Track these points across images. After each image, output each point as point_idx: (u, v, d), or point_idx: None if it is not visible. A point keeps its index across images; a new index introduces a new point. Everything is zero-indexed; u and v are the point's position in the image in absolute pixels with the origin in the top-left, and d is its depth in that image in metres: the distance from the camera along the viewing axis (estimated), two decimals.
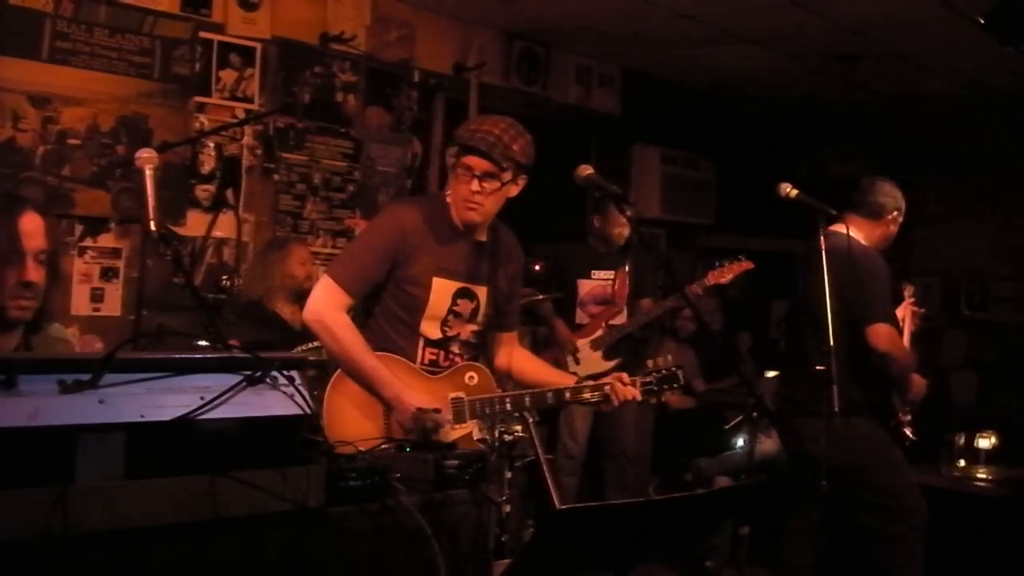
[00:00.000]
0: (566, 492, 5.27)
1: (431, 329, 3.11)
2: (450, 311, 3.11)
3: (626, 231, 5.28)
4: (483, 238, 3.19)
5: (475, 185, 3.01)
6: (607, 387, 3.11)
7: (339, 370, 2.99)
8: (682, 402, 6.65)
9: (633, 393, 3.11)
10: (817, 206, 3.61)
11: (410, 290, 3.07)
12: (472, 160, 3.01)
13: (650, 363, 3.19)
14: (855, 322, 3.92)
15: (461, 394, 3.07)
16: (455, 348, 3.15)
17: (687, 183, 7.45)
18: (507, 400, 3.10)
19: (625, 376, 3.15)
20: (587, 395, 3.14)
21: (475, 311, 3.16)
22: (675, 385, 3.18)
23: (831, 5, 5.38)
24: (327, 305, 3.01)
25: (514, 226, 3.41)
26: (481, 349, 3.28)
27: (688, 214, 7.52)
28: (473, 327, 3.18)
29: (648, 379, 3.15)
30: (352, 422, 2.90)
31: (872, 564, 4.09)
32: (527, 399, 3.11)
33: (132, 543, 1.76)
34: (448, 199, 3.13)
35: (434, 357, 3.12)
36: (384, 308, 3.11)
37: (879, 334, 3.91)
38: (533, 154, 3.08)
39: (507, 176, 3.02)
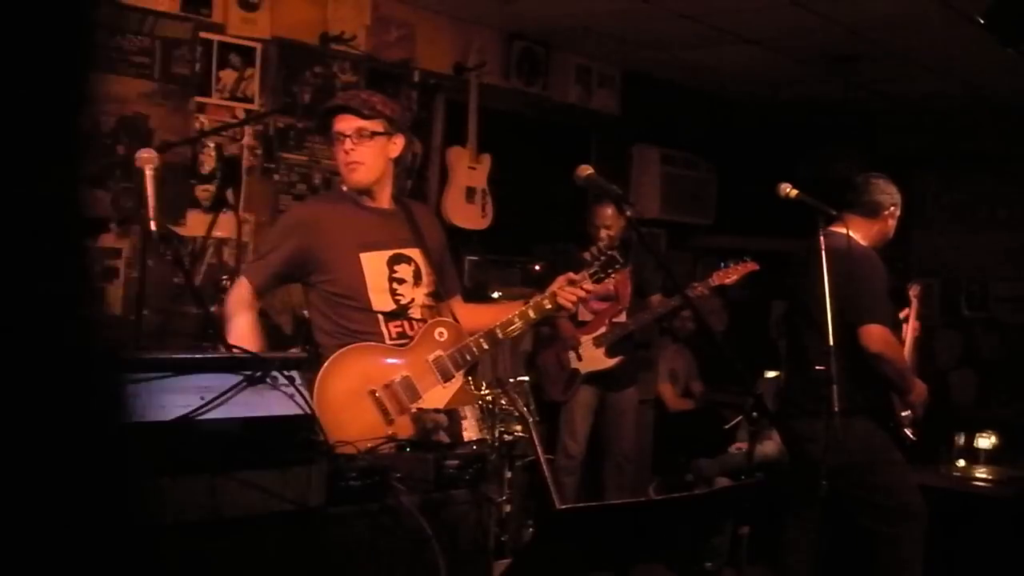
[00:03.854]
0: (566, 492, 5.28)
1: (383, 302, 3.13)
2: (391, 280, 3.15)
3: (613, 231, 5.27)
4: (390, 206, 3.25)
5: (348, 144, 3.10)
6: (557, 295, 3.18)
7: (320, 374, 2.98)
8: (681, 403, 6.66)
9: (577, 292, 3.18)
10: (817, 206, 3.62)
11: (343, 274, 3.11)
12: (339, 122, 3.12)
13: (587, 255, 3.26)
14: (851, 322, 3.93)
15: (439, 351, 3.10)
16: (415, 314, 3.18)
17: (687, 183, 7.45)
18: (482, 340, 3.14)
19: (572, 275, 3.22)
20: (547, 304, 3.20)
21: (417, 273, 3.20)
22: (618, 266, 3.23)
23: (831, 5, 5.38)
24: (230, 294, 3.18)
25: (514, 226, 3.43)
26: (440, 313, 3.30)
27: (688, 214, 7.52)
28: (423, 290, 3.22)
29: (592, 269, 3.22)
30: (349, 422, 2.90)
31: (872, 564, 4.09)
32: (498, 331, 3.15)
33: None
34: (345, 188, 3.24)
35: (400, 329, 3.14)
36: (329, 305, 3.15)
37: (871, 335, 3.91)
38: (399, 111, 3.20)
39: (376, 126, 3.11)
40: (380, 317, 3.12)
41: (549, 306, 3.20)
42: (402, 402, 2.99)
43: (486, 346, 3.15)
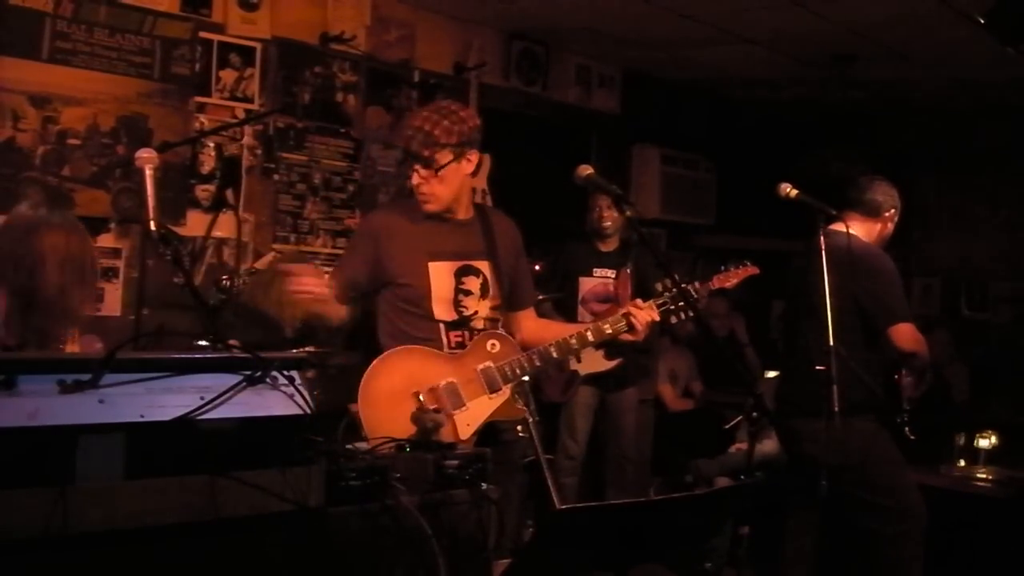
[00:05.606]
0: (566, 493, 5.27)
1: (445, 312, 3.14)
2: (457, 291, 3.15)
3: (614, 215, 5.32)
4: (465, 216, 3.23)
5: (415, 178, 3.10)
6: (626, 316, 3.18)
7: (368, 370, 3.01)
8: (681, 403, 6.66)
9: (652, 315, 3.18)
10: (817, 206, 3.62)
11: (410, 281, 3.12)
12: (416, 164, 3.11)
13: (659, 286, 3.24)
14: (869, 323, 3.92)
15: (489, 363, 3.10)
16: (477, 325, 3.17)
17: (687, 183, 7.45)
18: (535, 356, 3.13)
19: (640, 301, 3.22)
20: (608, 329, 3.19)
21: (484, 286, 3.19)
22: (690, 301, 3.20)
23: (831, 5, 5.38)
24: None
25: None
26: (505, 325, 3.27)
27: (688, 214, 7.52)
28: (489, 302, 3.20)
29: (662, 300, 3.21)
30: (388, 419, 2.90)
31: (872, 565, 4.09)
32: (552, 351, 3.15)
33: (132, 543, 1.76)
34: None
35: (460, 339, 3.15)
36: (395, 311, 3.16)
37: (902, 334, 3.91)
38: (468, 128, 3.11)
39: (443, 159, 3.06)
40: (442, 326, 3.13)
41: (609, 331, 3.20)
42: (444, 407, 3.00)
43: (538, 363, 3.14)
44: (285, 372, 2.01)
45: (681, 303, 3.21)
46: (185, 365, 1.92)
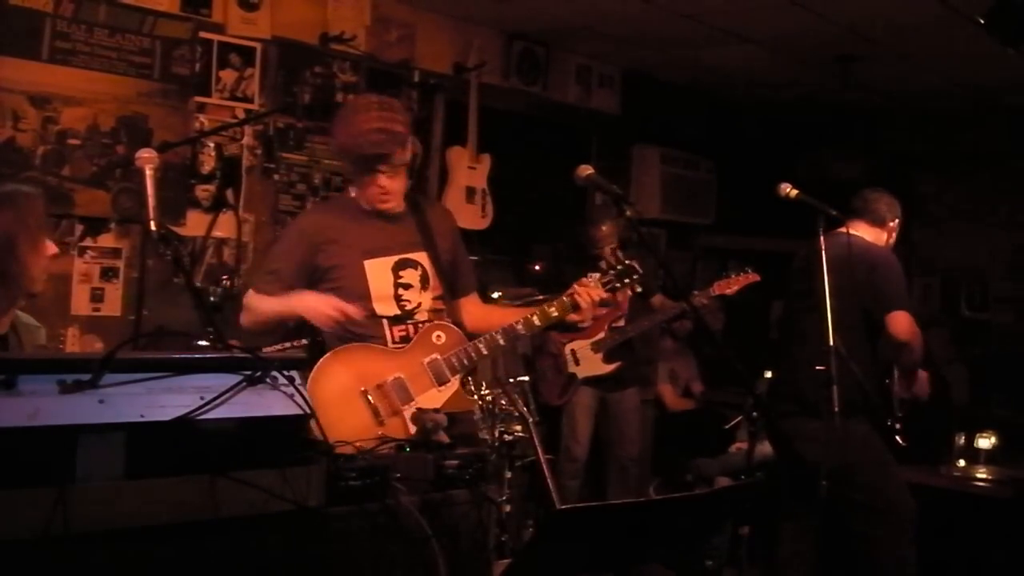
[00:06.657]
0: (569, 496, 5.26)
1: (387, 308, 3.13)
2: (397, 285, 3.15)
3: (616, 245, 5.24)
4: (397, 210, 3.21)
5: (383, 180, 3.09)
6: (571, 296, 3.15)
7: (313, 372, 2.98)
8: (681, 403, 6.66)
9: (597, 292, 3.15)
10: (818, 206, 3.62)
11: (347, 282, 3.12)
12: (382, 167, 3.08)
13: (603, 264, 3.24)
14: (869, 318, 3.93)
15: (435, 355, 3.08)
16: (421, 318, 3.16)
17: (687, 183, 7.45)
18: (481, 344, 3.11)
19: (585, 279, 3.19)
20: (554, 311, 3.15)
21: (424, 277, 3.19)
22: (634, 276, 3.20)
23: (831, 5, 5.38)
24: (246, 303, 3.21)
25: (514, 226, 3.42)
26: (450, 313, 3.26)
27: (688, 214, 7.52)
28: (431, 293, 3.19)
29: (606, 278, 3.19)
30: (338, 421, 2.89)
31: (868, 565, 4.09)
32: (499, 337, 3.12)
33: (132, 543, 1.76)
34: (353, 195, 3.23)
35: (404, 333, 3.14)
36: None
37: (899, 322, 3.91)
38: (409, 119, 3.14)
39: (405, 155, 3.09)
40: (385, 322, 3.12)
41: (556, 313, 3.16)
42: (393, 403, 2.98)
43: (485, 351, 3.11)
44: (285, 372, 2.02)
45: (627, 279, 3.20)
46: (185, 365, 1.93)
